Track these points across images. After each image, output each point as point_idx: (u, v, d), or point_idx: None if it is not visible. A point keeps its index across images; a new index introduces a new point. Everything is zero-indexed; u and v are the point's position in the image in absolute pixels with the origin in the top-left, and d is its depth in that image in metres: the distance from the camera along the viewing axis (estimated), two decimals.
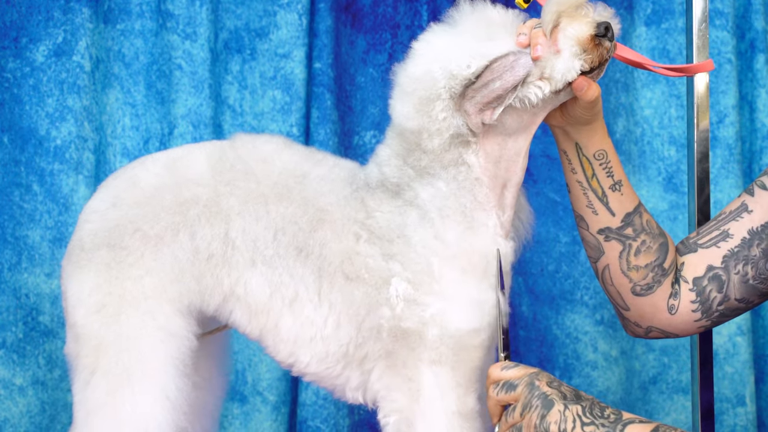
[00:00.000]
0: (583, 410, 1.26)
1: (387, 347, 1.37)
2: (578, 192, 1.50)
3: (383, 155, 1.39)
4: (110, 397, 1.34)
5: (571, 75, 1.33)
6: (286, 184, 1.39)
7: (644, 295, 1.51)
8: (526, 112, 1.36)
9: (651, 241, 1.50)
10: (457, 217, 1.36)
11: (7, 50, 2.09)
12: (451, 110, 1.33)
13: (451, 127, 1.33)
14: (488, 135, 1.36)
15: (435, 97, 1.33)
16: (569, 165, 1.49)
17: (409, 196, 1.36)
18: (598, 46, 1.33)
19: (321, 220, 1.38)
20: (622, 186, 1.49)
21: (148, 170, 1.42)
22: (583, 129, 1.45)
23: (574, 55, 1.32)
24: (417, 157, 1.36)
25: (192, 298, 1.39)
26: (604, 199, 1.48)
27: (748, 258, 1.48)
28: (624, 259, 1.50)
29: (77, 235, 1.41)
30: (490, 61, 1.31)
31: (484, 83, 1.31)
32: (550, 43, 1.32)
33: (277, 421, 2.15)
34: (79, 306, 1.38)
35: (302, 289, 1.38)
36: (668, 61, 2.20)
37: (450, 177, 1.36)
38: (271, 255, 1.38)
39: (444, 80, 1.32)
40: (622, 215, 1.49)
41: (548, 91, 1.33)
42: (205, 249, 1.39)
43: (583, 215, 1.51)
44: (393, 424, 1.37)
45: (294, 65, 2.16)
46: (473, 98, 1.32)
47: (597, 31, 1.32)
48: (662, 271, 1.51)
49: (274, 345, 1.41)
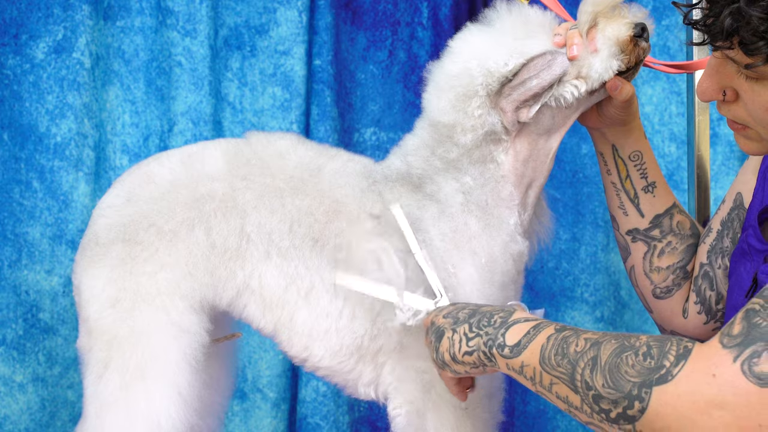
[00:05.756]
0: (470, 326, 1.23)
1: (401, 340, 1.37)
2: (612, 193, 1.51)
3: (411, 145, 1.40)
4: (123, 391, 1.34)
5: (608, 74, 1.35)
6: (302, 178, 1.40)
7: (663, 298, 1.52)
8: (561, 112, 1.37)
9: (678, 242, 1.51)
10: (479, 213, 1.37)
11: (7, 47, 2.09)
12: (487, 107, 1.34)
13: (486, 124, 1.34)
14: (521, 134, 1.37)
15: (472, 94, 1.34)
16: (605, 167, 1.50)
17: (431, 190, 1.37)
18: (636, 47, 1.35)
19: (337, 211, 1.38)
20: (656, 188, 1.50)
21: (163, 166, 1.42)
22: (620, 130, 1.46)
23: (613, 55, 1.34)
24: (447, 149, 1.37)
25: (205, 293, 1.39)
26: (636, 200, 1.50)
27: (723, 250, 1.49)
28: (647, 260, 1.51)
29: (92, 230, 1.41)
30: (528, 59, 1.33)
31: (521, 81, 1.32)
32: (586, 42, 1.34)
33: (277, 417, 2.15)
34: (93, 300, 1.38)
35: (318, 281, 1.39)
36: (669, 58, 2.21)
37: (477, 173, 1.37)
38: (287, 246, 1.39)
39: (481, 77, 1.34)
40: (651, 216, 1.50)
41: (584, 90, 1.35)
42: (221, 244, 1.39)
43: (615, 216, 1.52)
44: (404, 416, 1.38)
45: (294, 62, 2.16)
46: (510, 96, 1.33)
47: (635, 32, 1.34)
48: (684, 274, 1.51)
49: (288, 339, 1.41)
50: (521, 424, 2.26)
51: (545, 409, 2.25)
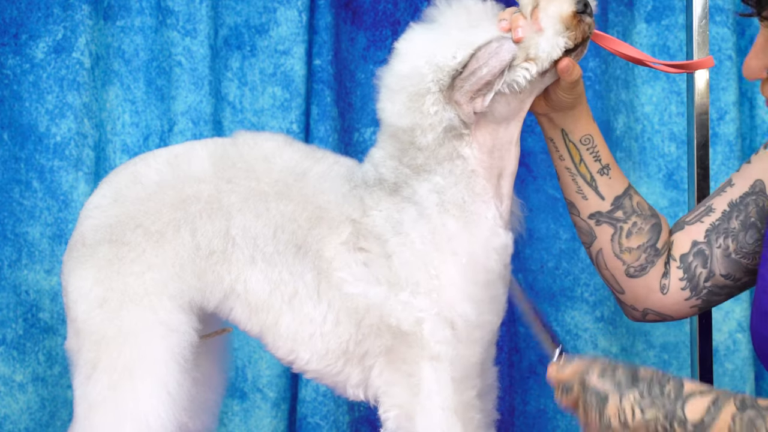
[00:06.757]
0: (640, 394, 1.25)
1: (387, 344, 1.37)
2: (567, 178, 1.51)
3: (377, 157, 1.40)
4: (111, 391, 1.34)
5: (556, 53, 1.35)
6: (286, 182, 1.40)
7: (638, 276, 1.52)
8: (515, 98, 1.37)
9: (642, 222, 1.51)
10: (456, 211, 1.37)
11: (6, 47, 2.09)
12: (442, 103, 1.34)
13: (444, 120, 1.34)
14: (480, 125, 1.37)
15: (425, 92, 1.34)
16: (557, 152, 1.50)
17: (407, 193, 1.37)
18: (581, 23, 1.35)
19: (319, 218, 1.38)
20: (611, 170, 1.50)
21: (150, 166, 1.42)
22: (568, 114, 1.47)
23: (558, 33, 1.35)
24: (412, 156, 1.36)
25: (193, 295, 1.40)
26: (593, 183, 1.50)
27: (728, 231, 1.49)
28: (616, 242, 1.51)
29: (78, 231, 1.42)
30: (476, 49, 1.33)
31: (471, 72, 1.32)
32: (530, 23, 1.34)
33: (276, 417, 2.15)
34: (81, 301, 1.38)
35: (301, 287, 1.39)
36: (669, 58, 2.20)
37: (446, 171, 1.37)
38: (271, 252, 1.39)
39: (431, 74, 1.33)
40: (612, 198, 1.51)
41: (535, 72, 1.35)
42: (206, 246, 1.39)
43: (574, 201, 1.52)
44: (393, 419, 1.38)
45: (294, 62, 2.16)
46: (462, 88, 1.33)
47: (577, 7, 1.34)
48: (655, 252, 1.52)
49: (273, 342, 1.42)
50: (521, 424, 2.25)
51: (545, 409, 2.25)
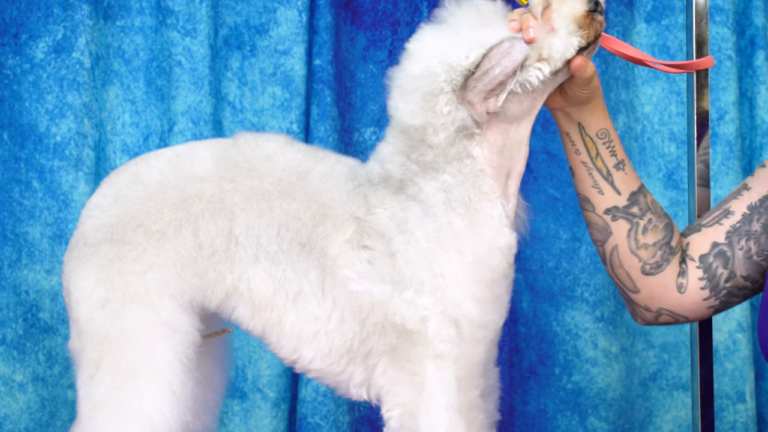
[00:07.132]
0: None
1: (391, 342, 1.37)
2: (583, 173, 1.51)
3: (385, 152, 1.40)
4: (115, 391, 1.34)
5: (569, 52, 1.36)
6: (289, 181, 1.40)
7: (654, 273, 1.52)
8: (527, 97, 1.37)
9: (657, 220, 1.51)
10: (462, 210, 1.37)
11: (6, 47, 2.09)
12: (455, 103, 1.34)
13: (456, 120, 1.34)
14: (491, 125, 1.37)
15: (438, 92, 1.34)
16: (573, 147, 1.50)
17: (413, 191, 1.37)
18: (593, 21, 1.36)
19: (323, 215, 1.38)
20: (626, 165, 1.50)
21: (152, 166, 1.42)
22: (584, 108, 1.47)
23: (571, 32, 1.35)
24: (421, 153, 1.36)
25: (194, 294, 1.39)
26: (609, 178, 1.50)
27: (750, 233, 1.50)
28: (632, 237, 1.51)
29: (80, 230, 1.41)
30: (488, 49, 1.33)
31: (484, 71, 1.33)
32: (542, 24, 1.34)
33: (277, 417, 2.15)
34: (83, 301, 1.37)
35: (306, 285, 1.39)
36: (668, 58, 2.20)
37: (455, 170, 1.37)
38: (275, 251, 1.39)
39: (444, 74, 1.34)
40: (628, 194, 1.50)
41: (548, 72, 1.35)
42: (209, 245, 1.39)
43: (589, 196, 1.52)
44: (396, 418, 1.38)
45: (294, 62, 2.16)
46: (475, 88, 1.33)
47: (590, 6, 1.35)
48: (670, 250, 1.52)
49: (277, 341, 1.41)
50: (521, 424, 2.25)
51: (545, 409, 2.25)
